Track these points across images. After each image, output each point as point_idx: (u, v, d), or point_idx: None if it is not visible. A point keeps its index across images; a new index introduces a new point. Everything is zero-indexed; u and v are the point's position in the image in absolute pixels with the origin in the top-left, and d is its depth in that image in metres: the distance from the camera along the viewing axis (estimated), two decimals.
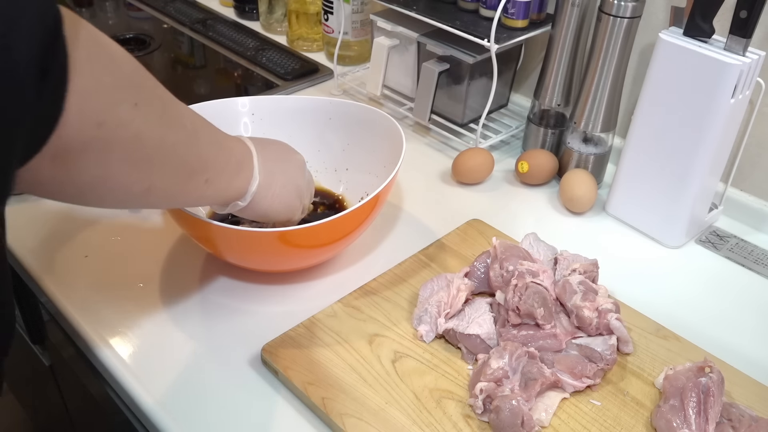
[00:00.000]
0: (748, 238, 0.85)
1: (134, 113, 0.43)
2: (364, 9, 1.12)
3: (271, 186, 0.62)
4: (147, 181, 0.47)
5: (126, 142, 0.43)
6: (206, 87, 1.18)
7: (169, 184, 0.50)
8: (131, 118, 0.42)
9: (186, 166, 0.51)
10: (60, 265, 0.75)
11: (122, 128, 0.42)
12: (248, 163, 0.60)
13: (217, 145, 0.55)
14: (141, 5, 1.42)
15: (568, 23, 0.87)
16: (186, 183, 0.52)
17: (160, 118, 0.46)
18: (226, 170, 0.57)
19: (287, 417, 0.61)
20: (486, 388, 0.59)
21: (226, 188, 0.58)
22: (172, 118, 0.48)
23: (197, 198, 0.56)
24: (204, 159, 0.53)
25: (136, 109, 0.43)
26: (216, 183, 0.55)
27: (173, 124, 0.48)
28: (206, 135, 0.54)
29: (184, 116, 0.50)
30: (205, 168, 0.53)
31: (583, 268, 0.70)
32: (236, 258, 0.72)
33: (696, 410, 0.58)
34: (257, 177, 0.60)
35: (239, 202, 0.60)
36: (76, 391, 0.97)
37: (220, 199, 0.59)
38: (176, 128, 0.48)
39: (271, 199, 0.63)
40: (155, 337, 0.68)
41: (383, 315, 0.69)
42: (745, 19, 0.71)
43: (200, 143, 0.52)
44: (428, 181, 0.93)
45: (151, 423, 0.61)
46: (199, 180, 0.53)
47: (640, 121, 0.81)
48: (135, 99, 0.43)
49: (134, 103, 0.43)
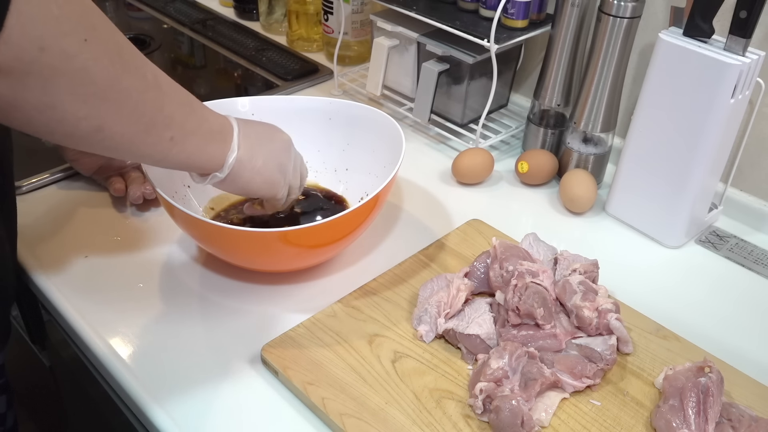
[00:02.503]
0: (747, 238, 0.85)
1: (82, 47, 0.44)
2: (364, 9, 1.12)
3: (251, 160, 0.63)
4: (97, 118, 0.48)
5: (71, 74, 0.45)
6: (206, 87, 1.18)
7: (123, 128, 0.50)
8: (78, 51, 0.44)
9: (144, 115, 0.51)
10: (60, 265, 0.75)
11: (67, 59, 0.44)
12: (227, 134, 0.61)
13: (187, 106, 0.56)
14: (141, 5, 1.42)
15: (568, 23, 0.87)
16: (145, 134, 0.52)
17: (113, 60, 0.47)
18: (196, 133, 0.57)
19: (287, 417, 0.61)
20: (486, 388, 0.59)
21: (196, 153, 0.58)
22: (128, 64, 0.49)
23: (161, 155, 0.56)
24: (168, 115, 0.54)
25: (85, 44, 0.45)
26: (183, 144, 0.56)
27: (129, 69, 0.49)
28: (173, 94, 0.55)
29: (145, 68, 0.51)
30: (169, 124, 0.54)
31: (584, 268, 0.70)
32: (236, 258, 0.72)
33: (695, 410, 0.58)
34: (236, 149, 0.61)
35: (217, 173, 0.61)
36: (76, 391, 0.97)
37: (192, 163, 0.59)
38: (132, 74, 0.49)
39: (251, 173, 0.63)
40: (155, 337, 0.68)
41: (383, 315, 0.69)
42: (745, 19, 0.71)
43: (164, 98, 0.53)
44: (428, 181, 0.93)
45: (151, 423, 0.61)
46: (163, 135, 0.54)
47: (640, 121, 0.81)
48: (85, 35, 0.45)
49: (83, 38, 0.44)
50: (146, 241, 0.79)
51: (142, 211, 0.83)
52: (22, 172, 0.86)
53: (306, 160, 0.85)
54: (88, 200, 0.85)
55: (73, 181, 0.87)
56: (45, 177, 0.86)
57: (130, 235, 0.80)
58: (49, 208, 0.83)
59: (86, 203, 0.84)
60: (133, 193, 0.81)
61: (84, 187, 0.86)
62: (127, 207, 0.84)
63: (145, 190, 0.82)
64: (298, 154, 0.72)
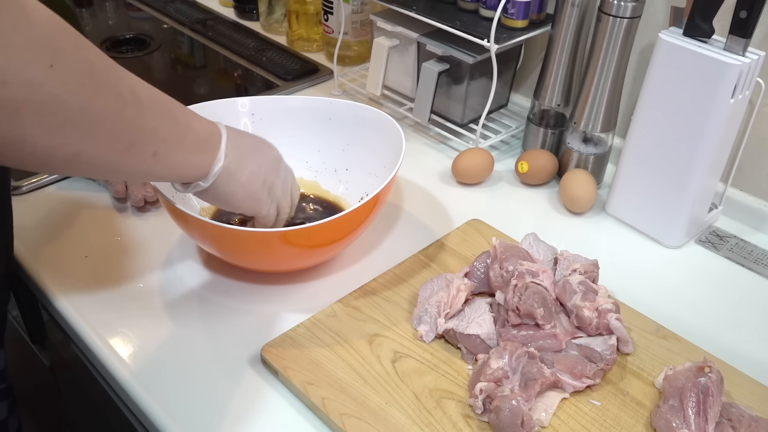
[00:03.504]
0: (747, 238, 0.85)
1: (47, 74, 0.42)
2: (364, 9, 1.12)
3: (237, 172, 0.61)
4: (73, 146, 0.46)
5: (38, 104, 0.42)
6: (206, 87, 1.18)
7: (102, 152, 0.48)
8: (43, 80, 0.42)
9: (123, 135, 0.49)
10: (60, 265, 0.75)
11: (32, 89, 0.41)
12: (215, 143, 0.59)
13: (170, 118, 0.54)
14: (141, 5, 1.42)
15: (568, 23, 0.87)
16: (125, 153, 0.50)
17: (83, 82, 0.45)
18: (181, 146, 0.55)
19: (287, 417, 0.61)
20: (486, 388, 0.59)
21: (182, 165, 0.57)
22: (100, 83, 0.46)
23: (144, 171, 0.54)
24: (149, 130, 0.52)
25: (50, 70, 0.42)
26: (167, 158, 0.54)
27: (102, 89, 0.46)
28: (154, 106, 0.52)
29: (121, 83, 0.48)
30: (152, 140, 0.52)
31: (584, 269, 0.70)
32: (236, 258, 0.72)
33: (695, 410, 0.58)
34: (222, 159, 0.59)
35: (201, 182, 0.59)
36: (76, 391, 0.97)
37: (175, 175, 0.58)
38: (106, 94, 0.47)
39: (235, 186, 0.62)
40: (155, 337, 0.68)
41: (383, 315, 0.69)
42: (745, 19, 0.71)
43: (143, 113, 0.51)
44: (428, 181, 0.93)
45: (151, 423, 0.61)
46: (145, 152, 0.52)
47: (640, 121, 0.81)
48: (50, 60, 0.42)
49: (49, 64, 0.42)
50: (146, 241, 0.79)
51: (142, 211, 0.83)
52: (21, 172, 0.86)
53: (306, 160, 0.85)
54: (88, 200, 0.85)
55: (72, 182, 0.87)
56: (45, 177, 0.86)
57: (130, 235, 0.80)
58: (49, 208, 0.83)
59: (86, 203, 0.84)
60: (134, 196, 0.81)
61: (84, 188, 0.86)
62: (128, 207, 0.84)
63: (147, 192, 0.82)
64: (289, 171, 0.70)
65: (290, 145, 0.84)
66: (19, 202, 0.83)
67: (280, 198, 0.68)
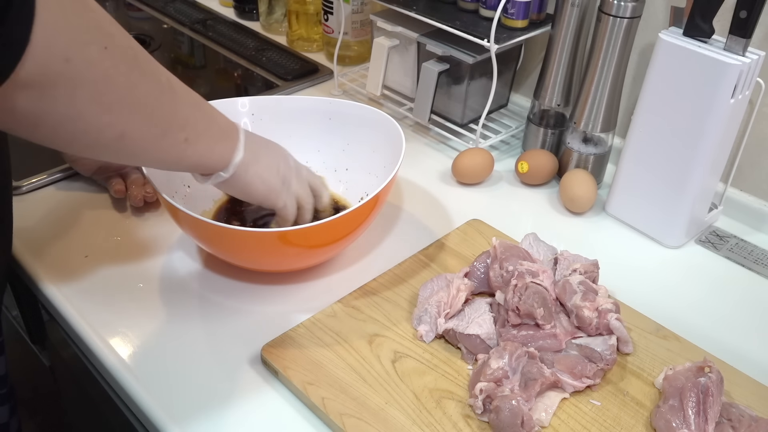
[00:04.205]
0: (747, 238, 0.85)
1: (103, 55, 0.45)
2: (364, 9, 1.12)
3: (254, 163, 0.64)
4: (119, 126, 0.49)
5: (94, 82, 0.45)
6: (206, 87, 1.18)
7: (143, 134, 0.51)
8: (100, 60, 0.45)
9: (162, 118, 0.52)
10: (60, 265, 0.75)
11: (90, 67, 0.44)
12: (234, 135, 0.62)
13: (197, 107, 0.57)
14: (141, 5, 1.42)
15: (568, 23, 0.87)
16: (162, 137, 0.53)
17: (131, 66, 0.48)
18: (207, 133, 0.58)
19: (287, 417, 0.61)
20: (486, 388, 0.59)
21: (208, 153, 0.59)
22: (144, 68, 0.50)
23: (177, 158, 0.57)
24: (182, 117, 0.55)
25: (105, 51, 0.45)
26: (196, 145, 0.57)
27: (146, 74, 0.50)
28: (185, 95, 0.56)
29: (158, 71, 0.52)
30: (184, 126, 0.55)
31: (584, 269, 0.70)
32: (236, 258, 0.72)
33: (695, 410, 0.58)
34: (242, 150, 0.62)
35: (222, 173, 0.62)
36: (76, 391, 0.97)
37: (201, 163, 0.60)
38: (149, 79, 0.50)
39: (252, 176, 0.64)
40: (155, 337, 0.68)
41: (383, 315, 0.69)
42: (745, 19, 0.71)
43: (177, 100, 0.54)
44: (428, 181, 0.93)
45: (151, 423, 0.61)
46: (178, 137, 0.55)
47: (640, 121, 0.81)
48: (104, 43, 0.45)
49: (104, 46, 0.45)
50: (146, 241, 0.79)
51: (142, 211, 0.83)
52: (21, 172, 0.86)
53: (306, 161, 0.85)
54: (88, 200, 0.85)
55: (72, 182, 0.87)
56: (44, 177, 0.86)
57: (130, 235, 0.80)
58: (48, 208, 0.83)
59: (86, 203, 0.84)
60: (134, 197, 0.81)
61: (84, 188, 0.86)
62: (128, 207, 0.84)
63: (146, 192, 0.82)
64: (302, 165, 0.72)
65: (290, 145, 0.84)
66: (19, 202, 0.83)
67: (297, 190, 0.69)
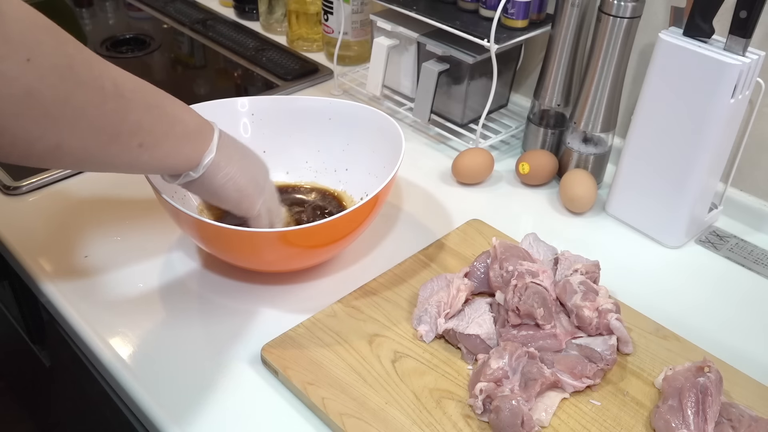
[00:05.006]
0: (747, 238, 0.85)
1: (24, 68, 0.43)
2: (364, 9, 1.12)
3: (228, 165, 0.62)
4: (53, 138, 0.47)
5: (14, 97, 0.43)
6: (206, 87, 1.18)
7: (83, 143, 0.49)
8: (21, 73, 0.43)
9: (105, 127, 0.50)
10: (60, 265, 0.75)
11: (8, 83, 0.42)
12: (206, 135, 0.61)
13: (157, 109, 0.55)
14: (141, 5, 1.42)
15: (568, 23, 0.87)
16: (109, 145, 0.51)
17: (62, 76, 0.46)
18: (169, 136, 0.56)
19: (287, 417, 0.61)
20: (486, 388, 0.59)
21: (172, 155, 0.58)
22: (81, 77, 0.47)
23: (130, 162, 0.55)
24: (133, 122, 0.52)
25: (27, 64, 0.43)
26: (154, 149, 0.55)
27: (83, 83, 0.47)
28: (140, 99, 0.53)
29: (102, 78, 0.49)
30: (136, 131, 0.53)
31: (585, 269, 0.70)
32: (236, 258, 0.72)
33: (694, 410, 0.58)
34: (213, 151, 0.60)
35: (191, 172, 0.60)
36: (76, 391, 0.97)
37: (166, 166, 0.59)
38: (87, 87, 0.48)
39: (224, 179, 0.63)
40: (155, 337, 0.68)
41: (383, 315, 0.69)
42: (745, 19, 0.71)
43: (127, 105, 0.52)
44: (428, 181, 0.93)
45: (151, 423, 0.61)
46: (130, 143, 0.53)
47: (640, 121, 0.81)
48: (27, 55, 0.43)
49: (25, 58, 0.43)
50: (146, 241, 0.79)
51: (142, 211, 0.83)
52: (21, 172, 0.86)
53: (305, 161, 0.85)
54: (88, 200, 0.85)
55: (72, 182, 0.87)
56: (44, 177, 0.86)
57: (130, 235, 0.80)
58: (48, 208, 0.83)
59: (86, 203, 0.84)
60: None
61: (84, 188, 0.86)
62: (128, 207, 0.84)
63: None
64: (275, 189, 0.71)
65: (290, 145, 0.85)
66: (19, 202, 0.84)
67: (271, 205, 0.69)
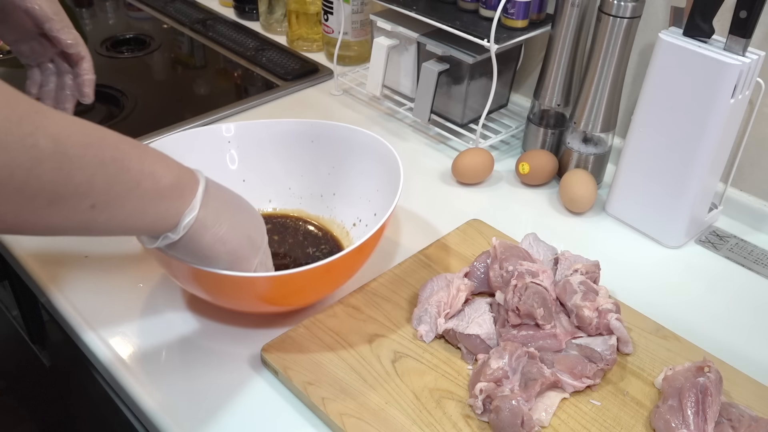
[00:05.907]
0: (747, 238, 0.85)
1: None
2: (364, 9, 1.12)
3: (214, 225, 0.55)
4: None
5: None
6: (206, 87, 1.18)
7: (14, 208, 0.43)
8: None
9: (41, 190, 0.43)
10: (60, 265, 0.75)
11: None
12: (186, 189, 0.53)
13: (114, 165, 0.48)
14: (141, 5, 1.42)
15: (568, 23, 0.87)
16: (48, 208, 0.45)
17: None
18: (132, 194, 0.49)
19: (287, 417, 0.61)
20: (486, 388, 0.59)
21: (136, 216, 0.50)
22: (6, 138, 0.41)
23: (83, 225, 0.48)
24: (80, 182, 0.45)
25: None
26: (114, 209, 0.48)
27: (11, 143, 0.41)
28: (92, 154, 0.46)
29: (37, 134, 0.42)
30: (86, 192, 0.46)
31: (585, 269, 0.70)
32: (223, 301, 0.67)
33: (694, 410, 0.58)
34: (197, 208, 0.53)
35: (170, 234, 0.53)
36: (76, 391, 0.97)
37: (132, 228, 0.51)
38: (14, 148, 0.41)
39: (213, 239, 0.55)
40: (155, 338, 0.68)
41: (383, 315, 0.69)
42: (745, 19, 0.71)
43: (71, 164, 0.45)
44: (428, 181, 0.93)
45: (151, 423, 0.61)
46: (78, 205, 0.46)
47: (640, 121, 0.81)
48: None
49: None
50: None
51: None
52: None
53: (289, 187, 0.81)
54: None
55: None
56: None
57: None
58: None
59: None
60: None
61: None
62: None
63: None
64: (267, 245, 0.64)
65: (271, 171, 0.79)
66: None
67: (266, 262, 0.63)
